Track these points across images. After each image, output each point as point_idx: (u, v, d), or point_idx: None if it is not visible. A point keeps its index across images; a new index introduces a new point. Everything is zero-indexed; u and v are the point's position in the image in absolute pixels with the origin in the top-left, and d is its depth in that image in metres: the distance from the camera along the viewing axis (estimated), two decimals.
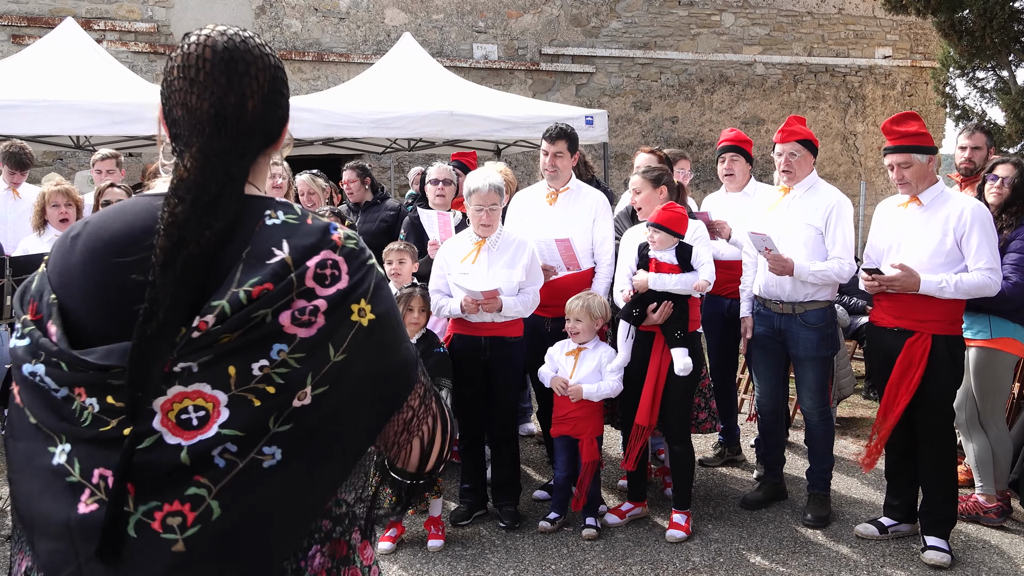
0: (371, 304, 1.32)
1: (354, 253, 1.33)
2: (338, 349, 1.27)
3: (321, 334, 1.25)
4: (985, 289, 3.86)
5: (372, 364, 1.31)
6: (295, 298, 1.25)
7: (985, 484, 4.44)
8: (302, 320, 1.24)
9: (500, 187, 4.29)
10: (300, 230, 1.31)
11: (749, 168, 5.22)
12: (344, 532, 1.40)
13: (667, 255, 4.19)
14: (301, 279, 1.25)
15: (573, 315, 4.32)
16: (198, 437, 1.20)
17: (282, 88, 1.42)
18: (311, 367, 1.24)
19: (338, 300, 1.28)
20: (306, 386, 1.24)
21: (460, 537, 4.33)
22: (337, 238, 1.32)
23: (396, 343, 1.36)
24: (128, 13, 11.60)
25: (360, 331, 1.30)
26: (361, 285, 1.31)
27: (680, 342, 4.18)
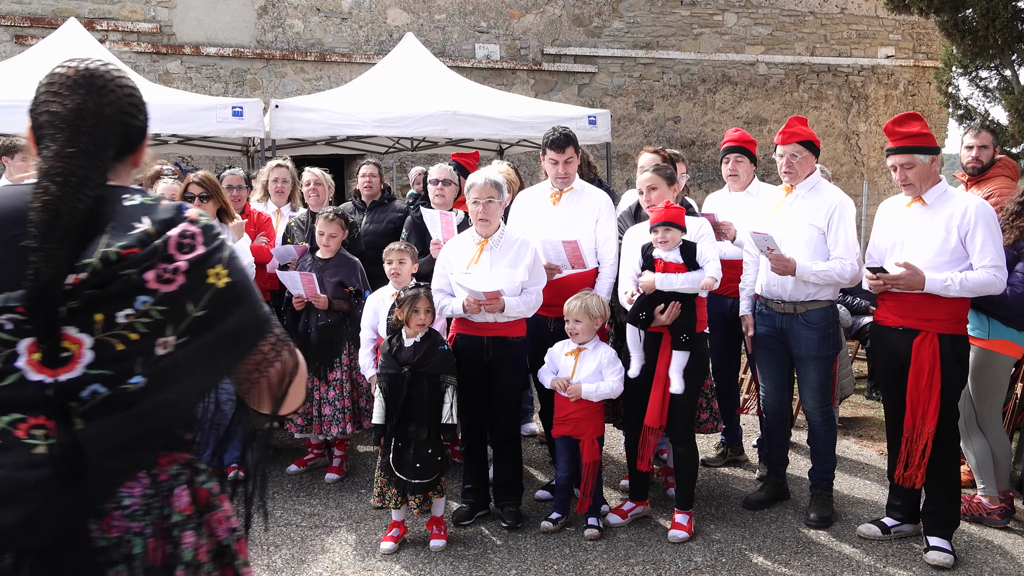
0: (227, 270, 1.55)
1: (208, 227, 1.57)
2: (197, 305, 1.50)
3: (182, 290, 1.49)
4: (990, 287, 3.85)
5: (229, 318, 1.54)
6: (158, 261, 1.48)
7: (987, 486, 4.43)
8: (164, 278, 1.47)
9: (498, 183, 4.29)
10: (157, 208, 1.55)
11: (753, 168, 5.22)
12: (205, 482, 1.63)
13: (672, 254, 4.18)
14: (164, 246, 1.49)
15: (572, 316, 4.32)
16: (64, 375, 1.42)
17: (139, 104, 1.66)
18: (172, 319, 1.48)
19: (196, 263, 1.51)
20: (167, 335, 1.48)
21: (462, 537, 4.34)
22: (191, 215, 1.56)
23: (250, 301, 1.59)
24: (131, 13, 11.62)
25: (217, 291, 1.53)
26: (216, 253, 1.55)
27: (685, 345, 4.17)
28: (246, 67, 12.17)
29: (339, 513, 4.66)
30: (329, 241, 5.03)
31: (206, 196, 4.94)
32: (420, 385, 4.09)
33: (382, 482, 4.18)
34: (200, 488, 1.61)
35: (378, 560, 4.09)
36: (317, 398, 4.99)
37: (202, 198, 4.93)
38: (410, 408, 4.09)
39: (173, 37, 11.82)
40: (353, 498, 4.86)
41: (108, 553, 1.46)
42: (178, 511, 1.54)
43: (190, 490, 1.58)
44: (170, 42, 11.79)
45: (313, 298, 4.91)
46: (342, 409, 4.95)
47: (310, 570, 3.99)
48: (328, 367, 4.98)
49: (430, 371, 4.10)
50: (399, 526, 4.26)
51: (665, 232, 4.17)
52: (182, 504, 1.56)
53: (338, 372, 4.98)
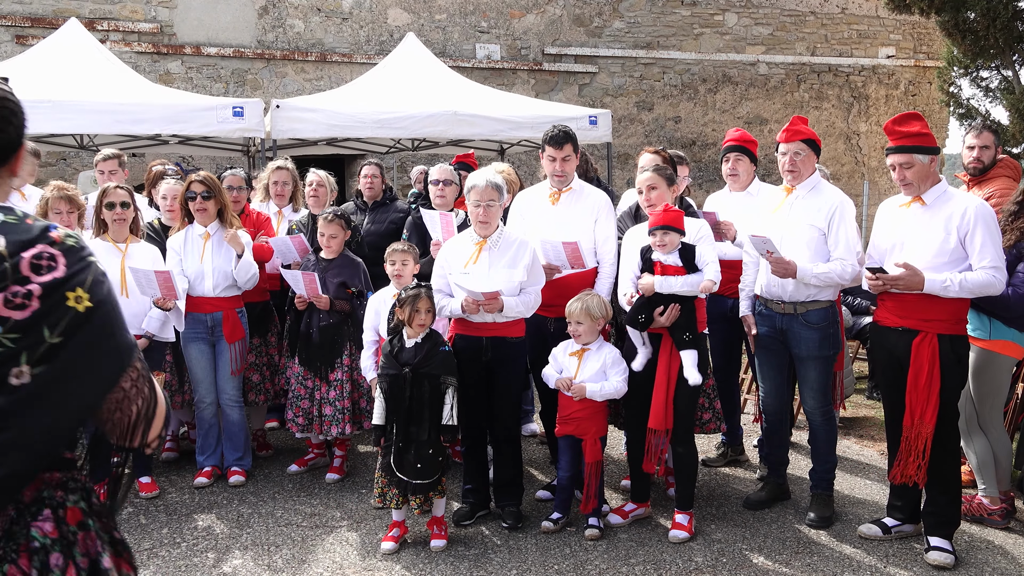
0: (89, 293, 1.46)
1: (73, 249, 1.49)
2: (53, 331, 1.41)
3: (35, 316, 1.40)
4: (989, 287, 3.85)
5: (89, 347, 1.46)
6: (10, 283, 1.40)
7: (988, 486, 4.43)
8: (15, 303, 1.39)
9: (499, 185, 4.28)
10: (18, 228, 1.47)
11: (753, 168, 5.22)
12: (78, 501, 1.55)
13: (671, 257, 4.18)
14: (16, 267, 1.41)
15: (574, 318, 4.32)
16: None
17: (9, 116, 1.57)
18: (25, 346, 1.39)
19: (53, 287, 1.43)
20: (21, 364, 1.38)
21: (463, 537, 4.34)
22: (56, 236, 1.49)
23: (113, 330, 1.50)
24: (131, 13, 11.62)
25: (77, 316, 1.44)
26: (78, 276, 1.46)
27: (689, 344, 4.17)
28: (247, 67, 12.17)
29: (340, 513, 4.66)
30: (330, 242, 5.03)
31: (208, 195, 4.94)
32: (421, 386, 4.09)
33: (383, 482, 4.18)
34: (72, 507, 1.54)
35: (379, 560, 4.09)
36: (318, 398, 4.99)
37: (204, 197, 4.93)
38: (411, 409, 4.09)
39: (174, 37, 11.82)
40: (354, 498, 4.87)
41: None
42: (42, 535, 1.47)
43: (58, 512, 1.51)
44: (171, 42, 11.79)
45: (315, 298, 4.91)
46: (342, 409, 4.96)
47: (311, 570, 3.99)
48: (329, 367, 4.99)
49: (431, 372, 4.11)
50: (400, 526, 4.26)
51: (664, 235, 4.17)
52: (47, 528, 1.48)
53: (339, 372, 4.98)
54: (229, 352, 5.03)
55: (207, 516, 4.63)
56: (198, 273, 4.96)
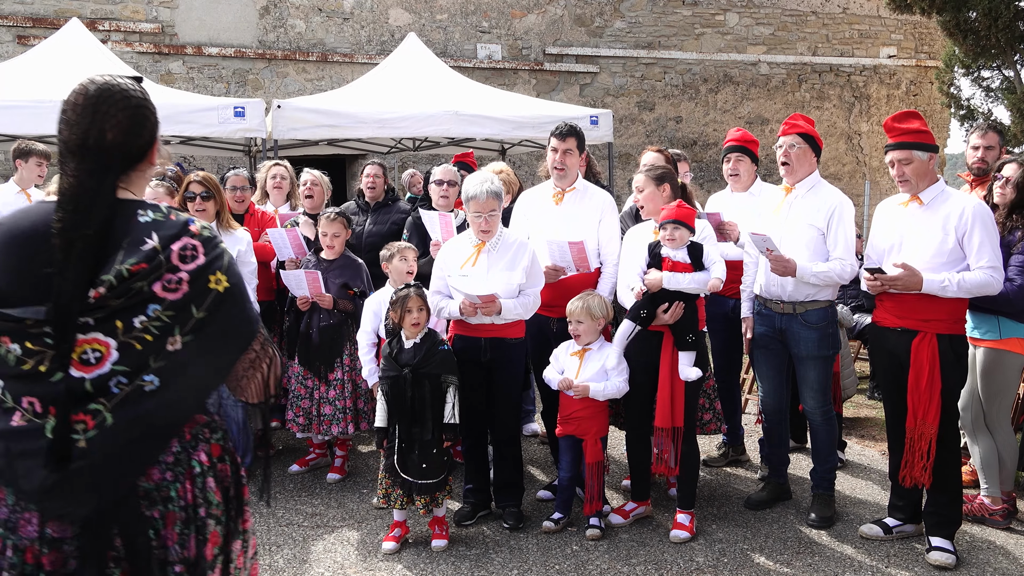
0: (226, 275, 1.83)
1: (209, 240, 1.84)
2: (199, 308, 1.78)
3: (186, 298, 1.77)
4: (987, 287, 3.85)
5: (226, 319, 1.83)
6: (164, 272, 1.75)
7: (991, 486, 4.43)
8: (170, 288, 1.75)
9: (499, 192, 4.26)
10: (165, 224, 1.80)
11: (755, 168, 5.21)
12: (219, 439, 1.95)
13: (680, 254, 4.17)
14: (168, 259, 1.76)
15: (575, 317, 4.32)
16: (96, 372, 1.71)
17: (143, 121, 1.88)
18: (179, 321, 1.76)
19: (198, 273, 1.79)
20: (176, 335, 1.76)
21: (464, 537, 4.34)
22: (195, 229, 1.83)
23: (244, 305, 1.88)
24: (133, 14, 11.63)
25: (217, 296, 1.81)
26: (216, 262, 1.82)
27: (691, 345, 4.17)
28: (248, 67, 12.18)
29: (341, 513, 4.66)
30: (333, 241, 5.02)
31: (207, 195, 4.94)
32: (422, 386, 4.09)
33: (387, 483, 4.18)
34: (214, 444, 1.93)
35: (380, 560, 4.10)
36: (317, 398, 5.00)
37: (203, 197, 4.93)
38: (413, 409, 4.09)
39: (175, 37, 11.83)
40: (355, 498, 4.87)
41: (150, 496, 1.79)
42: (199, 464, 1.88)
43: (207, 445, 1.91)
44: (172, 42, 11.80)
45: (318, 297, 4.91)
46: (343, 409, 4.96)
47: (312, 570, 3.99)
48: (329, 368, 4.99)
49: (431, 372, 4.11)
50: (401, 526, 4.26)
51: (674, 230, 4.16)
52: (202, 458, 1.89)
53: (339, 372, 4.98)
54: None
55: None
56: None
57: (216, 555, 1.89)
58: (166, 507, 1.81)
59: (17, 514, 1.73)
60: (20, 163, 6.56)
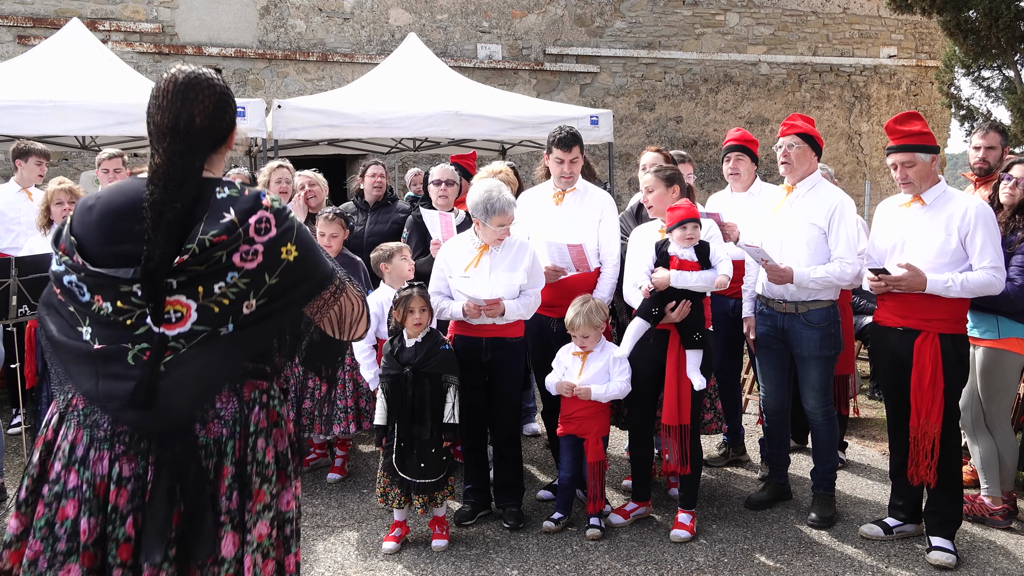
0: (295, 245, 2.02)
1: (280, 212, 2.02)
2: (272, 275, 1.99)
3: (259, 267, 1.97)
4: (990, 288, 3.86)
5: (297, 282, 2.04)
6: (242, 243, 1.93)
7: (991, 486, 4.43)
8: (247, 258, 1.95)
9: (514, 202, 4.29)
10: (240, 200, 1.98)
11: (755, 168, 5.21)
12: (277, 405, 2.14)
13: (687, 252, 4.17)
14: (246, 231, 1.94)
15: (579, 332, 4.31)
16: (178, 329, 1.93)
17: (225, 107, 2.08)
18: (253, 287, 1.97)
19: (271, 244, 1.98)
20: (251, 299, 1.97)
21: (464, 537, 4.34)
22: (267, 203, 2.00)
23: (314, 265, 2.07)
24: (133, 14, 11.63)
25: (287, 264, 2.01)
26: (288, 234, 2.01)
27: (698, 344, 4.17)
28: (248, 67, 12.18)
29: (341, 513, 4.66)
30: (331, 241, 5.03)
31: None
32: (422, 385, 4.09)
33: (385, 482, 4.18)
34: (272, 409, 2.11)
35: (380, 560, 4.10)
36: (318, 397, 4.99)
37: None
38: (413, 408, 4.09)
39: (175, 37, 11.83)
40: (355, 498, 4.87)
41: (208, 448, 1.99)
42: (254, 424, 2.05)
43: (265, 410, 2.08)
44: (172, 42, 11.80)
45: None
46: (344, 408, 4.96)
47: (312, 570, 3.99)
48: None
49: (432, 371, 4.11)
50: (401, 526, 4.26)
51: (693, 229, 4.16)
52: (258, 420, 2.06)
53: (340, 372, 4.98)
54: None
55: None
56: None
57: (260, 511, 2.03)
58: (220, 460, 1.99)
59: (93, 452, 1.94)
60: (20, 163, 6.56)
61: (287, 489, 2.14)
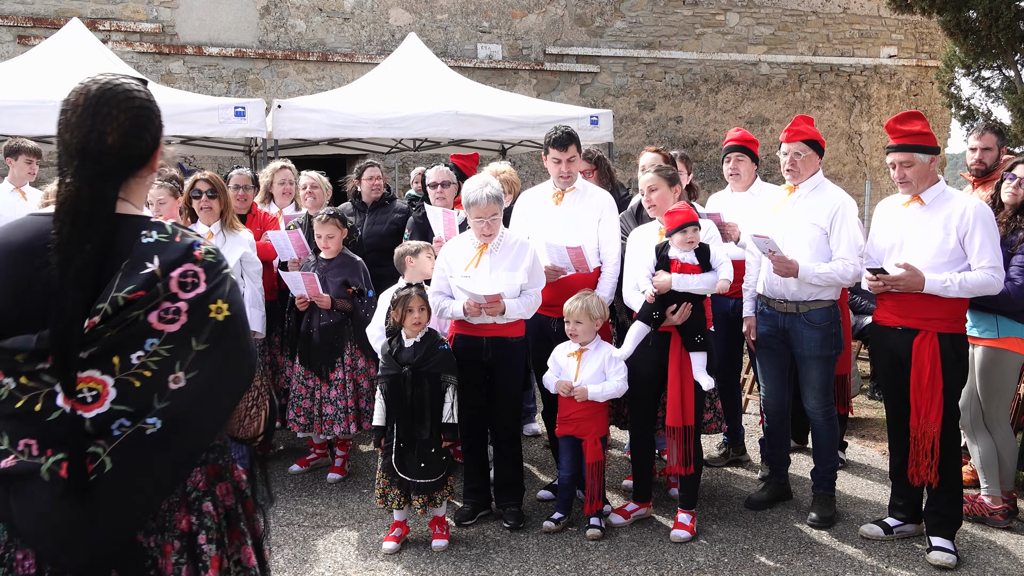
0: (227, 303, 1.68)
1: (212, 265, 1.69)
2: (200, 340, 1.63)
3: (184, 329, 1.62)
4: (988, 287, 3.86)
5: (229, 352, 1.69)
6: (162, 300, 1.60)
7: (991, 485, 4.43)
8: (167, 319, 1.61)
9: (499, 196, 4.25)
10: (169, 247, 1.66)
11: (755, 168, 5.21)
12: (216, 459, 1.83)
13: (688, 255, 4.17)
14: (167, 286, 1.61)
15: (573, 317, 4.31)
16: (95, 411, 1.57)
17: (146, 123, 1.75)
18: (178, 356, 1.61)
19: (198, 302, 1.64)
20: (177, 371, 1.61)
21: (464, 537, 4.34)
22: (198, 254, 1.68)
23: (245, 334, 1.75)
24: (133, 14, 11.63)
25: (218, 325, 1.66)
26: (218, 289, 1.68)
27: (700, 346, 4.17)
28: (248, 67, 12.18)
29: (341, 513, 4.66)
30: (328, 242, 5.03)
31: (213, 194, 4.95)
32: (421, 385, 4.09)
33: (384, 483, 4.18)
34: (212, 464, 1.82)
35: (380, 560, 4.09)
36: (319, 397, 5.00)
37: (209, 195, 4.94)
38: (412, 408, 4.09)
39: (176, 37, 11.83)
40: (355, 498, 4.87)
41: (147, 526, 1.70)
42: (194, 487, 1.77)
43: (202, 468, 1.79)
44: (172, 42, 11.80)
45: (316, 298, 4.91)
46: (344, 409, 4.96)
47: (312, 570, 3.99)
48: (330, 367, 4.99)
49: (431, 371, 4.11)
50: (401, 526, 4.26)
51: (694, 232, 4.16)
52: (197, 481, 1.77)
53: (340, 372, 4.98)
54: None
55: None
56: None
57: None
58: (162, 536, 1.72)
59: (12, 551, 1.64)
60: (11, 161, 6.56)
61: (245, 544, 1.93)
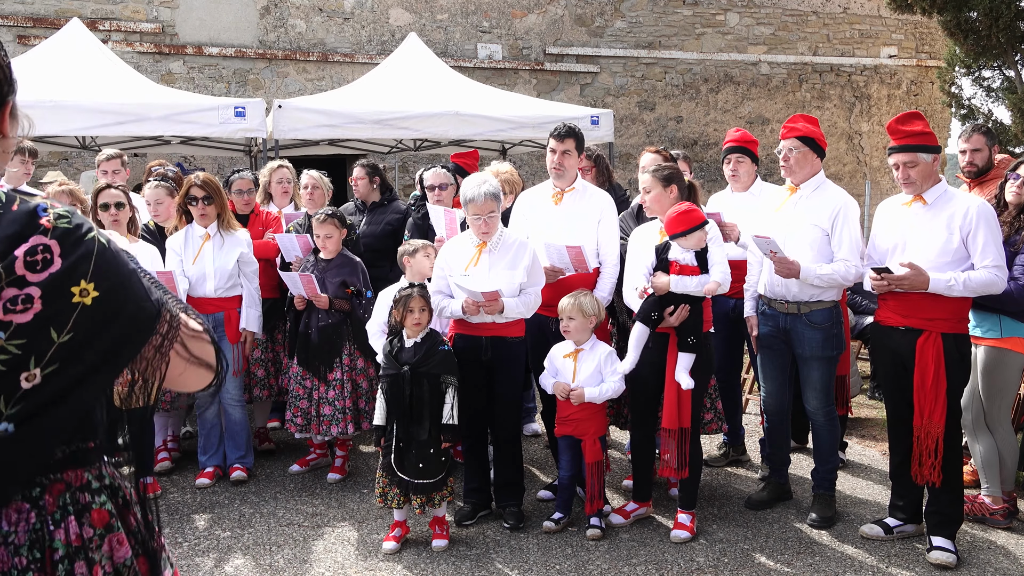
0: (93, 282, 1.30)
1: (67, 233, 1.30)
2: (62, 331, 1.28)
3: (39, 319, 1.26)
4: (992, 287, 3.86)
5: (105, 334, 1.32)
6: (5, 287, 1.24)
7: (991, 485, 4.42)
8: (15, 309, 1.25)
9: (496, 193, 4.25)
10: (3, 219, 1.28)
11: (755, 168, 5.21)
12: (104, 503, 1.44)
13: (688, 257, 4.17)
14: (11, 269, 1.25)
15: (566, 313, 4.31)
16: None
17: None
18: (33, 350, 1.26)
19: (54, 284, 1.27)
20: (31, 368, 1.26)
21: (464, 537, 4.34)
22: (46, 221, 1.30)
23: (126, 308, 1.35)
24: (133, 14, 11.63)
25: (84, 310, 1.29)
26: (80, 265, 1.30)
27: (691, 348, 4.16)
28: (248, 67, 12.18)
29: (341, 513, 4.66)
30: (326, 242, 5.02)
31: (209, 199, 4.94)
32: (421, 385, 4.09)
33: (384, 482, 4.18)
34: (100, 509, 1.43)
35: (380, 560, 4.09)
36: (316, 398, 4.99)
37: (205, 201, 4.93)
38: (411, 408, 4.09)
39: (176, 37, 11.83)
40: (355, 498, 4.87)
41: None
42: (64, 544, 1.37)
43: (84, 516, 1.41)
44: (172, 42, 11.80)
45: (314, 298, 4.91)
46: (342, 409, 4.95)
47: (312, 570, 3.99)
48: (328, 368, 4.98)
49: (430, 371, 4.11)
50: (401, 526, 4.26)
51: (703, 233, 4.15)
52: (71, 535, 1.38)
53: (338, 372, 4.98)
54: (231, 352, 5.04)
55: (208, 516, 4.63)
56: (199, 274, 4.96)
57: None
58: None
59: None
60: None
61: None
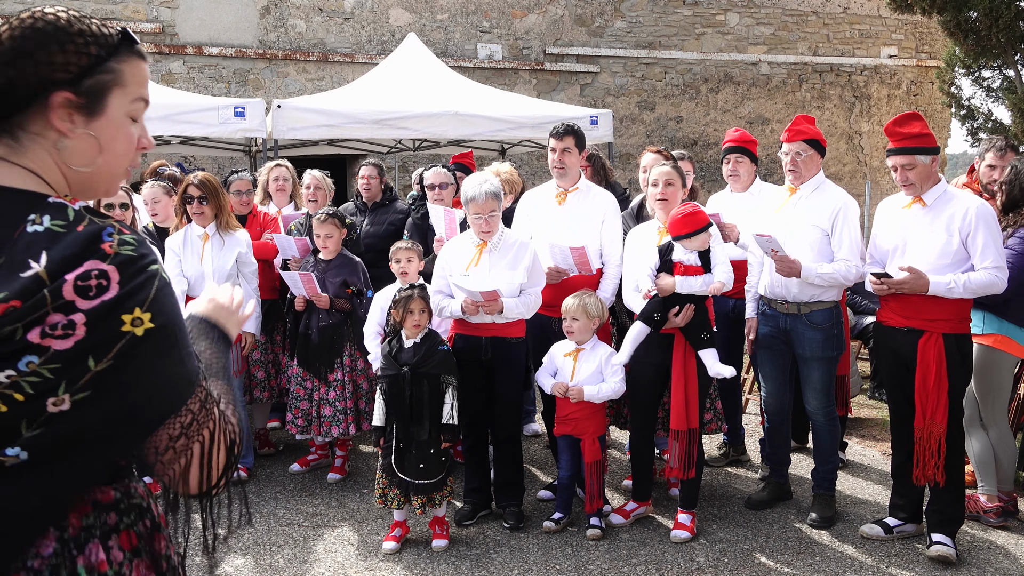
0: (150, 312, 1.23)
1: (130, 261, 1.23)
2: (100, 360, 1.20)
3: (79, 346, 1.19)
4: (992, 287, 3.86)
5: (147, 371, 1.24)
6: (50, 312, 1.18)
7: (987, 484, 4.43)
8: (56, 334, 1.17)
9: (497, 192, 4.25)
10: (64, 239, 1.21)
11: (754, 168, 5.21)
12: (132, 524, 1.36)
13: (691, 257, 4.17)
14: (58, 293, 1.18)
15: (570, 314, 4.31)
16: None
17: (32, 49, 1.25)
18: (66, 377, 1.19)
19: (103, 312, 1.20)
20: (60, 393, 1.19)
21: (464, 537, 4.34)
22: (108, 246, 1.22)
23: (179, 349, 1.28)
24: (133, 14, 11.64)
25: (133, 340, 1.22)
26: (139, 293, 1.22)
27: (707, 343, 4.16)
28: (248, 67, 12.18)
29: (341, 513, 4.66)
30: (326, 242, 5.02)
31: (205, 198, 4.93)
32: (420, 385, 4.09)
33: (384, 483, 4.18)
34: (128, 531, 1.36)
35: (380, 560, 4.09)
36: (317, 399, 4.99)
37: (201, 200, 4.92)
38: (411, 408, 4.09)
39: (176, 37, 11.84)
40: (355, 498, 4.87)
41: None
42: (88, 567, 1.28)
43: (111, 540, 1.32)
44: (173, 42, 11.80)
45: (314, 298, 4.91)
46: (343, 410, 4.95)
47: (312, 570, 3.99)
48: (328, 368, 4.98)
49: (430, 371, 4.11)
50: (401, 526, 4.26)
51: (708, 234, 4.15)
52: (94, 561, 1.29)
53: (339, 373, 4.98)
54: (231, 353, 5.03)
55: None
56: (198, 274, 4.95)
57: None
58: None
59: None
60: None
61: None
